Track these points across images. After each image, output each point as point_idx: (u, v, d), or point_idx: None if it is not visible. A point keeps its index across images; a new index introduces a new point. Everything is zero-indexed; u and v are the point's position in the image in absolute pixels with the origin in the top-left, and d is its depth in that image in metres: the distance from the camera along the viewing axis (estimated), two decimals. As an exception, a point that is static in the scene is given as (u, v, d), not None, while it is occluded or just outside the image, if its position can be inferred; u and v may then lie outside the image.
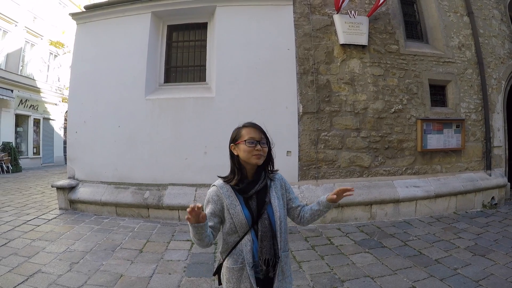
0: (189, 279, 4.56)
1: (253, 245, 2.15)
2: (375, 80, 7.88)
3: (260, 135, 2.17)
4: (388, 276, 4.60)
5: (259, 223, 2.14)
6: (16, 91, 20.21)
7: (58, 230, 6.61)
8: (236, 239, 2.17)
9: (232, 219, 2.14)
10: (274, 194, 2.25)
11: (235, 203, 2.15)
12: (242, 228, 2.14)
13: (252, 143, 2.13)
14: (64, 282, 4.37)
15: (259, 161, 2.16)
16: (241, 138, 2.17)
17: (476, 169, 8.73)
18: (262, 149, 2.15)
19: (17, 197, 9.91)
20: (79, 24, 8.84)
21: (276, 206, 2.21)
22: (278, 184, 2.32)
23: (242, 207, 2.15)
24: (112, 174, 8.07)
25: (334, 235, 6.47)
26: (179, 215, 7.37)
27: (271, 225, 2.16)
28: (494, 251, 5.42)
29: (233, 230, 2.16)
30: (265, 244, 2.12)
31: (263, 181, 2.22)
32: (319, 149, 7.59)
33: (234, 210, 2.14)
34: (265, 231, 2.13)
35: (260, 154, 2.14)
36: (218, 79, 7.74)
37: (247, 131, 2.18)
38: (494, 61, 9.29)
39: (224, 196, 2.16)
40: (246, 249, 2.13)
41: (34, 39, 21.77)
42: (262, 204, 2.18)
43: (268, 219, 2.16)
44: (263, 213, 2.16)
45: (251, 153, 2.13)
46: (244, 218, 2.13)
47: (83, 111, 8.38)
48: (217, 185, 2.20)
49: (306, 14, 7.82)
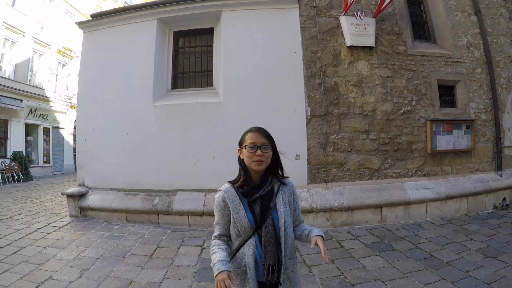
0: (199, 284, 4.55)
1: (256, 250, 2.13)
2: (383, 81, 7.84)
3: (262, 140, 2.14)
4: (399, 279, 4.55)
5: (263, 228, 2.13)
6: (25, 101, 20.40)
7: (69, 237, 6.64)
8: (240, 242, 2.16)
9: (235, 223, 2.13)
10: (280, 200, 2.21)
11: (238, 207, 2.14)
12: (246, 232, 2.13)
13: (252, 148, 2.11)
14: (75, 289, 4.38)
15: (259, 167, 2.13)
16: (244, 143, 2.17)
17: (487, 170, 8.64)
18: (264, 154, 2.12)
19: (28, 206, 9.97)
20: (85, 32, 8.92)
21: (282, 212, 2.17)
22: (287, 190, 2.28)
23: (245, 211, 2.14)
24: (122, 181, 8.09)
25: (344, 238, 6.42)
26: (189, 221, 7.37)
27: (275, 231, 2.14)
28: (506, 253, 5.34)
29: (237, 233, 2.16)
30: (269, 249, 2.10)
31: (269, 185, 2.20)
32: (328, 152, 7.56)
33: (237, 215, 2.13)
34: (268, 236, 2.11)
35: (261, 160, 2.12)
36: (225, 84, 7.75)
37: (250, 136, 2.16)
38: (503, 60, 9.20)
39: (229, 200, 2.14)
40: (248, 253, 2.12)
41: (42, 49, 21.96)
42: (266, 209, 2.15)
43: (272, 225, 2.14)
44: (268, 218, 2.14)
45: (252, 158, 2.12)
46: (247, 223, 2.12)
47: (92, 118, 8.44)
48: (223, 190, 2.19)
49: (312, 16, 7.82)
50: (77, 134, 8.99)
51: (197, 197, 7.47)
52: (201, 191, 7.56)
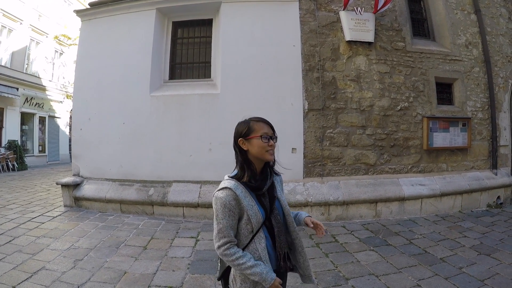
0: (193, 276, 4.54)
1: (267, 242, 2.11)
2: (381, 77, 7.83)
3: (271, 131, 2.13)
4: (393, 275, 4.57)
5: (272, 219, 2.12)
6: (21, 89, 20.28)
7: (63, 227, 6.62)
8: (249, 238, 2.09)
9: (249, 219, 2.05)
10: (279, 189, 2.25)
11: (251, 203, 2.07)
12: (258, 226, 2.09)
13: (266, 139, 2.08)
14: (68, 279, 4.37)
15: (272, 157, 2.12)
16: (254, 133, 2.09)
17: (482, 168, 8.67)
18: (274, 144, 2.12)
19: (22, 195, 9.93)
20: (83, 21, 8.84)
21: (283, 200, 2.22)
22: (279, 179, 2.33)
23: (257, 205, 2.10)
24: (117, 171, 8.06)
25: (339, 232, 6.43)
26: (184, 212, 7.36)
27: (283, 219, 2.19)
28: (499, 251, 5.39)
29: (249, 230, 2.07)
30: (282, 238, 2.13)
31: (271, 176, 2.20)
32: (324, 146, 7.55)
33: (252, 211, 2.05)
34: (279, 226, 2.13)
35: (273, 150, 2.12)
36: (223, 76, 7.72)
37: (260, 126, 2.11)
38: (501, 60, 9.21)
39: (241, 197, 2.03)
40: (261, 247, 2.07)
41: (39, 37, 21.81)
42: (273, 200, 2.16)
43: (279, 214, 2.16)
44: (274, 208, 2.15)
45: (265, 149, 2.07)
46: (262, 217, 2.08)
47: (88, 108, 8.39)
48: (232, 187, 2.04)
49: (312, 10, 7.78)
50: (73, 123, 8.93)
51: (193, 189, 7.45)
52: (196, 182, 7.54)
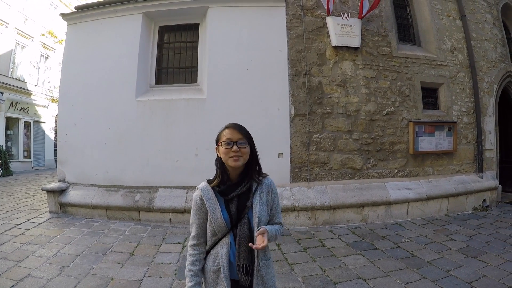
0: (180, 282, 4.50)
1: (230, 249, 2.11)
2: (367, 82, 7.88)
3: (238, 136, 2.11)
4: (380, 278, 4.58)
5: (238, 227, 2.11)
6: (6, 93, 19.96)
7: (48, 233, 6.51)
8: (215, 240, 2.15)
9: (211, 221, 2.11)
10: (257, 199, 2.17)
11: (214, 206, 2.11)
12: (221, 231, 2.11)
13: (228, 144, 2.08)
14: (54, 286, 4.31)
15: (236, 163, 2.09)
16: (220, 140, 2.14)
17: (468, 171, 8.76)
18: (240, 150, 2.08)
19: (7, 201, 9.76)
20: (69, 24, 8.75)
21: (257, 211, 2.13)
22: (265, 189, 2.23)
23: (221, 210, 2.11)
24: (103, 177, 7.97)
25: (326, 237, 6.44)
26: (170, 218, 7.31)
27: (250, 230, 2.11)
28: (486, 253, 5.45)
29: (212, 232, 2.13)
30: (243, 249, 2.08)
31: (246, 184, 2.16)
32: (311, 151, 7.57)
33: (213, 214, 2.10)
34: (243, 236, 2.09)
35: (238, 155, 2.08)
36: (209, 81, 7.70)
37: (226, 132, 2.13)
38: (486, 65, 9.34)
39: (205, 199, 2.12)
40: (222, 252, 2.10)
41: (24, 41, 21.52)
42: (243, 208, 2.13)
43: (248, 224, 2.11)
44: (243, 217, 2.12)
45: (228, 154, 2.08)
46: (223, 222, 2.09)
47: (74, 113, 8.28)
48: (200, 188, 2.17)
49: (298, 15, 7.81)
50: (58, 128, 8.82)
51: (179, 194, 7.40)
52: (183, 188, 7.49)
